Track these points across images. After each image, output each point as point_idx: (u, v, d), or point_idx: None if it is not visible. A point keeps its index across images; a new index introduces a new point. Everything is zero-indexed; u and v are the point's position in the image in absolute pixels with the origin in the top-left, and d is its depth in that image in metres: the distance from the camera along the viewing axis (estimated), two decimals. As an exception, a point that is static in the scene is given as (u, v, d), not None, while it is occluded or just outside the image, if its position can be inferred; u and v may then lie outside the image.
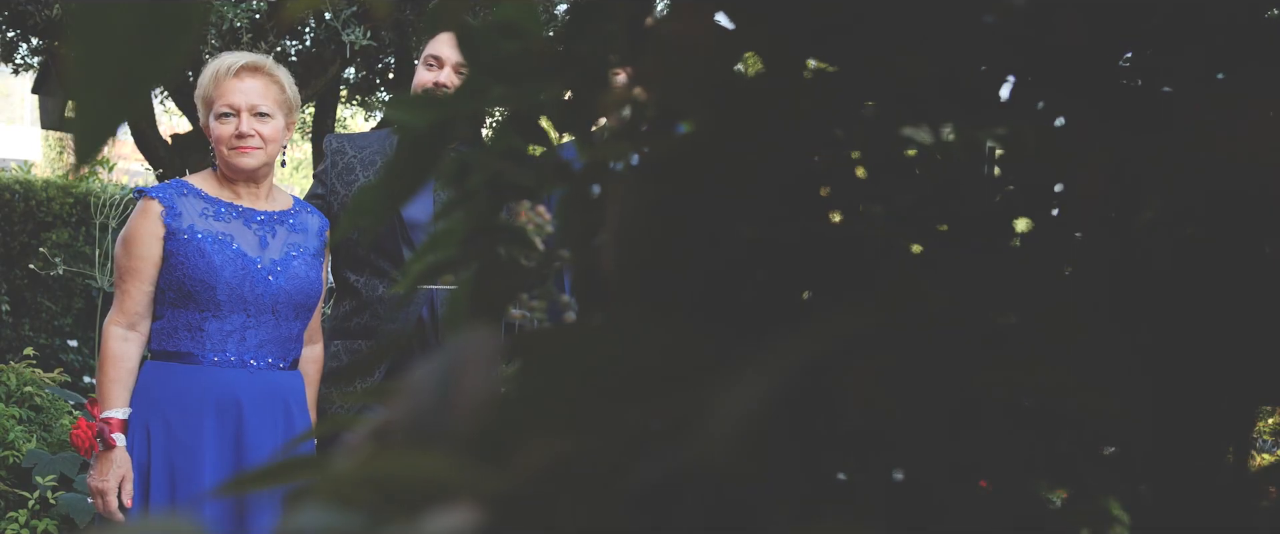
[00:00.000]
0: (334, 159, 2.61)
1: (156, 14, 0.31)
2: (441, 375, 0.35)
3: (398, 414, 0.35)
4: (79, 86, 0.31)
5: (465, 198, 0.72)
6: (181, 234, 2.28)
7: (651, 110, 0.46)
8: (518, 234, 0.75)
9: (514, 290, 0.72)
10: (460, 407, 0.34)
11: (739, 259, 0.42)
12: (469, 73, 0.60)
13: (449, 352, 0.36)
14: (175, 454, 2.26)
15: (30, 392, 3.65)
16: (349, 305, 2.57)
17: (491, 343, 0.36)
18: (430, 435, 0.34)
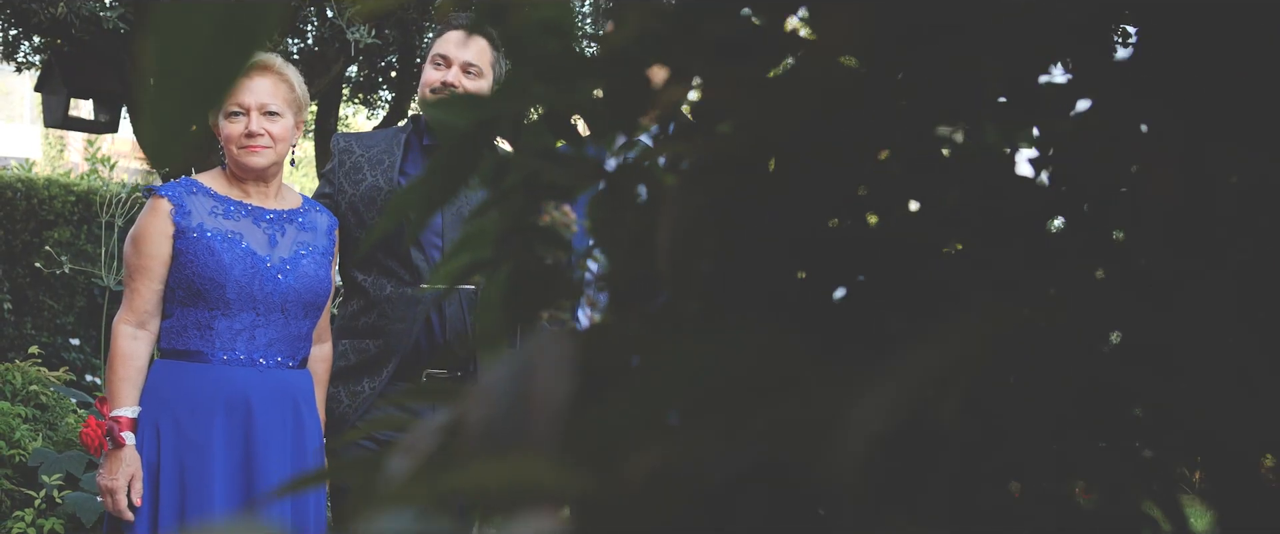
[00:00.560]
0: (341, 158, 2.61)
1: (234, 15, 0.31)
2: (514, 378, 0.35)
3: (472, 417, 0.35)
4: (156, 88, 0.31)
5: (501, 197, 0.71)
6: (191, 232, 2.28)
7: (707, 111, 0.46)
8: (551, 234, 0.75)
9: (550, 292, 0.72)
10: (538, 410, 0.34)
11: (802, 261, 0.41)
12: (512, 72, 0.60)
13: (520, 354, 0.36)
14: (185, 453, 2.26)
15: (36, 390, 3.64)
16: (356, 305, 2.57)
17: (564, 345, 0.35)
18: (507, 439, 0.33)
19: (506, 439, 0.33)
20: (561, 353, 0.35)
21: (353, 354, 2.55)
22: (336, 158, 2.61)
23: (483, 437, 0.33)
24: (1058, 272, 0.43)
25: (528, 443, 0.33)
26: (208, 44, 0.30)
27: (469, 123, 0.61)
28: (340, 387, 2.55)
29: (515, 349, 0.36)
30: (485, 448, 0.33)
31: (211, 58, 0.31)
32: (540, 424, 0.33)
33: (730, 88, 0.45)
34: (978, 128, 0.53)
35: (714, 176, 0.47)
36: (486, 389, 0.35)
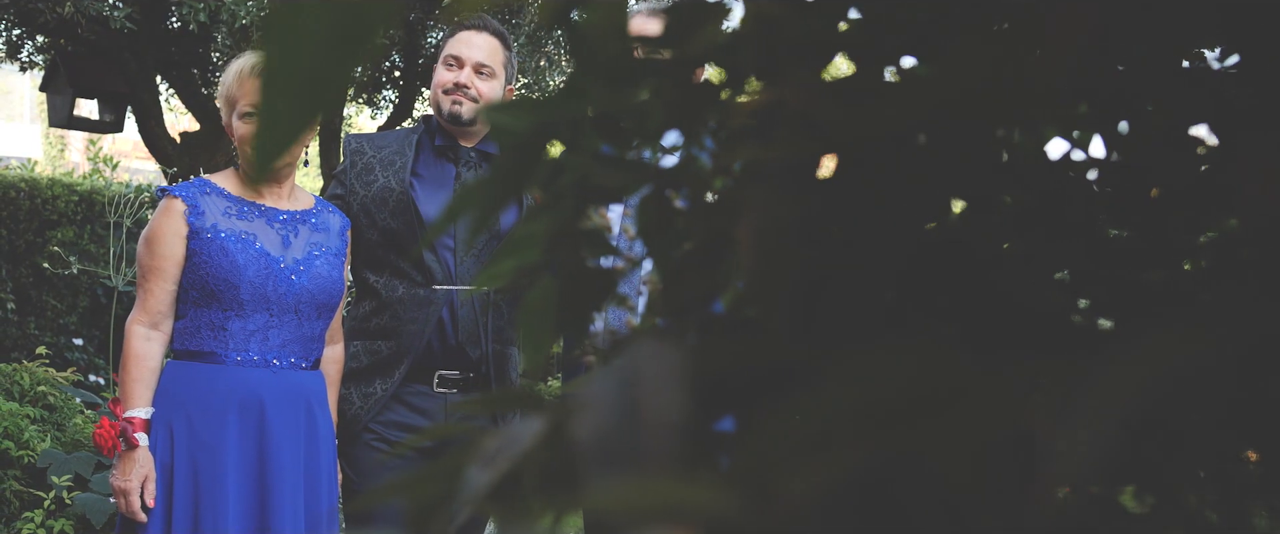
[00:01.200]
0: (353, 159, 2.60)
1: (345, 15, 0.30)
2: (622, 391, 0.34)
3: (581, 432, 0.34)
4: (265, 90, 0.30)
5: (552, 200, 0.71)
6: (205, 233, 2.27)
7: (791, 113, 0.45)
8: (598, 238, 0.74)
9: (601, 298, 0.71)
10: (652, 425, 0.33)
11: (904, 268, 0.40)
12: (573, 73, 0.59)
13: (625, 365, 0.35)
14: (198, 454, 2.25)
15: (44, 391, 3.64)
16: (368, 306, 2.56)
17: (673, 356, 0.35)
18: (620, 456, 0.33)
19: (619, 455, 0.32)
20: (671, 365, 0.34)
21: (365, 355, 2.54)
22: (348, 158, 2.61)
23: (596, 452, 0.32)
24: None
25: (643, 459, 0.32)
26: (319, 45, 0.30)
27: (528, 126, 0.60)
28: (352, 388, 2.54)
29: (618, 360, 0.35)
30: (600, 464, 0.32)
31: (323, 58, 0.30)
32: (656, 440, 0.32)
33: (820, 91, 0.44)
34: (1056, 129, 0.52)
35: (801, 179, 0.46)
36: (592, 402, 0.34)
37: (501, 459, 0.43)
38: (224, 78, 2.37)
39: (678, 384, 0.34)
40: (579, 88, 0.61)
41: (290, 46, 0.30)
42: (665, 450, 0.32)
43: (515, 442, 0.44)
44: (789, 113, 0.45)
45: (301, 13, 0.29)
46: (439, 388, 2.53)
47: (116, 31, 4.39)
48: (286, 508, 2.29)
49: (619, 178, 0.70)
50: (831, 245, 0.46)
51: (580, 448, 0.33)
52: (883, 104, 0.47)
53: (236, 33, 4.27)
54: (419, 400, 2.52)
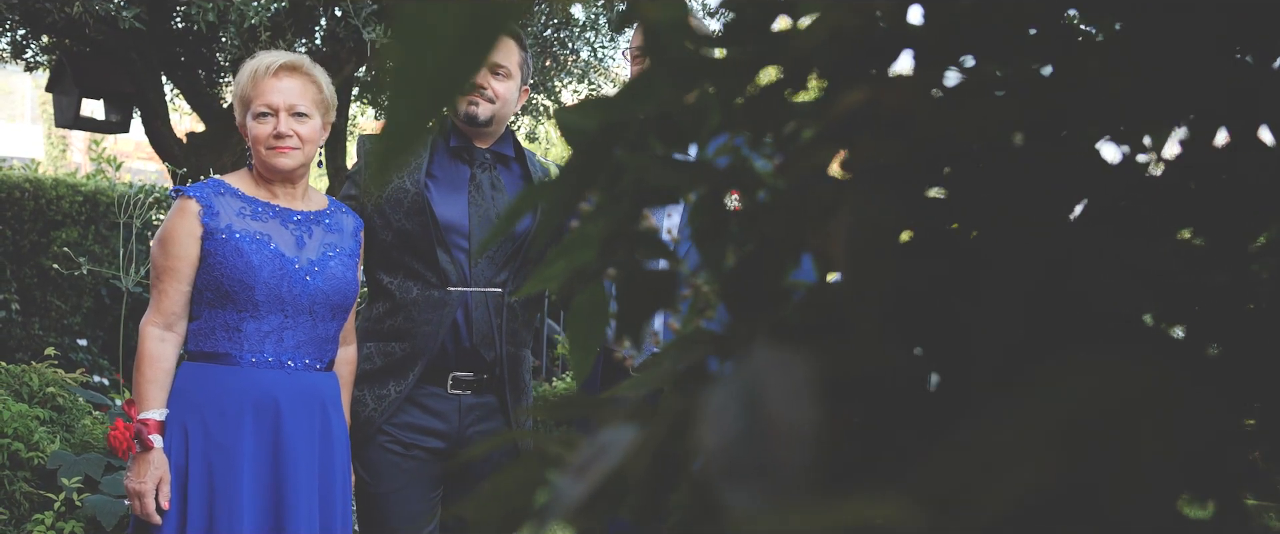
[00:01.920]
0: (367, 159, 2.59)
1: (477, 11, 0.29)
2: (747, 402, 0.33)
3: (706, 445, 0.32)
4: (394, 86, 0.29)
5: (610, 202, 0.69)
6: (219, 234, 2.26)
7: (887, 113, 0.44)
8: (654, 241, 0.73)
9: (661, 301, 0.70)
10: (784, 439, 0.32)
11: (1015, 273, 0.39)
12: (645, 73, 0.58)
13: (747, 376, 0.34)
14: (213, 456, 2.24)
15: (52, 392, 3.62)
16: (382, 307, 2.55)
17: (801, 365, 0.33)
18: (751, 470, 0.31)
19: (752, 470, 0.31)
20: (800, 374, 0.33)
21: (378, 357, 2.53)
22: (362, 159, 2.60)
23: (726, 467, 0.31)
24: None
25: (778, 475, 0.31)
26: (450, 40, 0.29)
27: (597, 125, 0.59)
28: (365, 389, 2.53)
29: (737, 368, 0.34)
30: (731, 479, 0.31)
31: (454, 53, 0.29)
32: (791, 453, 0.31)
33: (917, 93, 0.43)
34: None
35: (896, 181, 0.45)
36: (715, 415, 0.33)
37: (595, 471, 0.42)
38: (238, 77, 2.36)
39: (807, 394, 0.32)
40: (644, 87, 0.60)
41: (418, 46, 0.28)
42: (802, 464, 0.30)
43: (608, 452, 0.43)
44: (883, 115, 0.43)
45: (431, 11, 0.28)
46: (453, 389, 2.52)
47: (124, 31, 4.37)
48: (301, 510, 2.28)
49: (676, 179, 0.69)
50: (928, 249, 0.45)
51: (709, 463, 0.32)
52: (981, 107, 0.46)
53: (245, 33, 4.25)
54: (433, 402, 2.51)
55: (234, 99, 2.39)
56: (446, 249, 2.48)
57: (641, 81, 0.60)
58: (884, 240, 0.43)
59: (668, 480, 0.44)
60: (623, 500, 0.46)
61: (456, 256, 2.49)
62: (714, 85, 0.63)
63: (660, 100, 0.60)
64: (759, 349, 0.35)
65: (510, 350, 2.55)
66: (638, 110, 0.59)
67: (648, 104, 0.59)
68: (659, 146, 0.69)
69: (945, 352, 0.42)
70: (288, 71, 2.33)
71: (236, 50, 4.34)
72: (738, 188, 0.69)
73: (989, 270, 0.37)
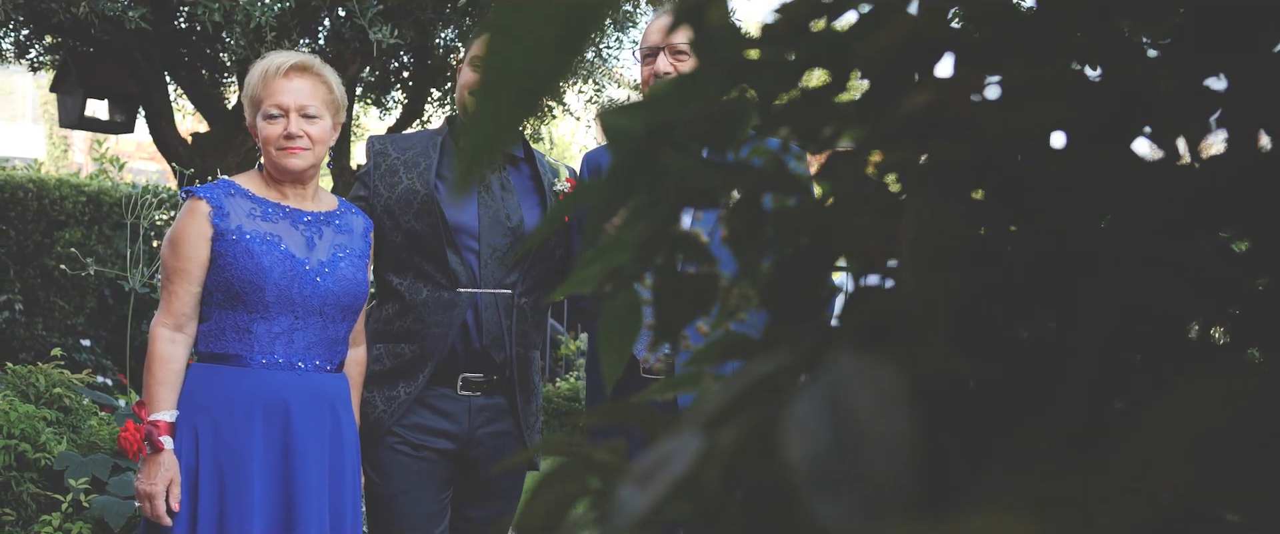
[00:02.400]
0: (377, 161, 2.58)
1: (568, 10, 0.28)
2: (834, 412, 0.32)
3: (793, 457, 0.32)
4: (485, 89, 0.28)
5: (650, 204, 0.69)
6: (230, 235, 2.25)
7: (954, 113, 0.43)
8: (694, 244, 0.72)
9: (702, 306, 0.70)
10: (877, 449, 0.31)
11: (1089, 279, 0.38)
12: (699, 73, 0.57)
13: (833, 385, 0.33)
14: (224, 457, 2.23)
15: (59, 393, 3.61)
16: (392, 308, 2.54)
17: (892, 374, 0.33)
18: (844, 484, 0.31)
19: (843, 483, 0.30)
20: (890, 382, 0.32)
21: (388, 358, 2.52)
22: (372, 160, 2.59)
23: (815, 481, 0.30)
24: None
25: (875, 487, 0.30)
26: (544, 38, 0.28)
27: (642, 127, 0.58)
28: (375, 391, 2.52)
29: (820, 376, 0.33)
30: (822, 493, 0.30)
31: (543, 53, 0.28)
32: (885, 465, 0.30)
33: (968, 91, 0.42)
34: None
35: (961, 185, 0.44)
36: (801, 424, 0.32)
37: (660, 480, 0.41)
38: (248, 78, 2.35)
39: (900, 403, 0.32)
40: (692, 89, 0.59)
41: (511, 46, 0.28)
42: (901, 477, 0.30)
43: (673, 462, 0.42)
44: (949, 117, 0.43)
45: (525, 11, 0.27)
46: (463, 391, 2.51)
47: (129, 31, 4.36)
48: (312, 511, 2.27)
49: (717, 181, 0.69)
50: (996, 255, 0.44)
51: (797, 475, 0.31)
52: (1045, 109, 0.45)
53: (250, 33, 4.25)
54: (443, 403, 2.50)
55: (244, 99, 2.38)
56: (456, 250, 2.48)
57: (689, 83, 0.59)
58: (952, 245, 0.42)
59: (732, 489, 0.43)
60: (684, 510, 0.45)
61: (466, 258, 2.48)
62: (757, 87, 0.63)
63: (708, 103, 0.59)
64: (843, 356, 0.34)
65: (520, 352, 2.54)
66: (686, 112, 0.58)
67: (696, 106, 0.58)
68: (696, 148, 0.68)
69: (1016, 358, 0.42)
70: (298, 72, 2.32)
71: (242, 50, 4.33)
72: (777, 190, 0.68)
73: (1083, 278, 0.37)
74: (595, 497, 0.60)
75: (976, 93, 0.44)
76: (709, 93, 0.57)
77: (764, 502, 0.39)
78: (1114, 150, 0.51)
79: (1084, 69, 0.56)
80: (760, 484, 0.39)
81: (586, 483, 0.62)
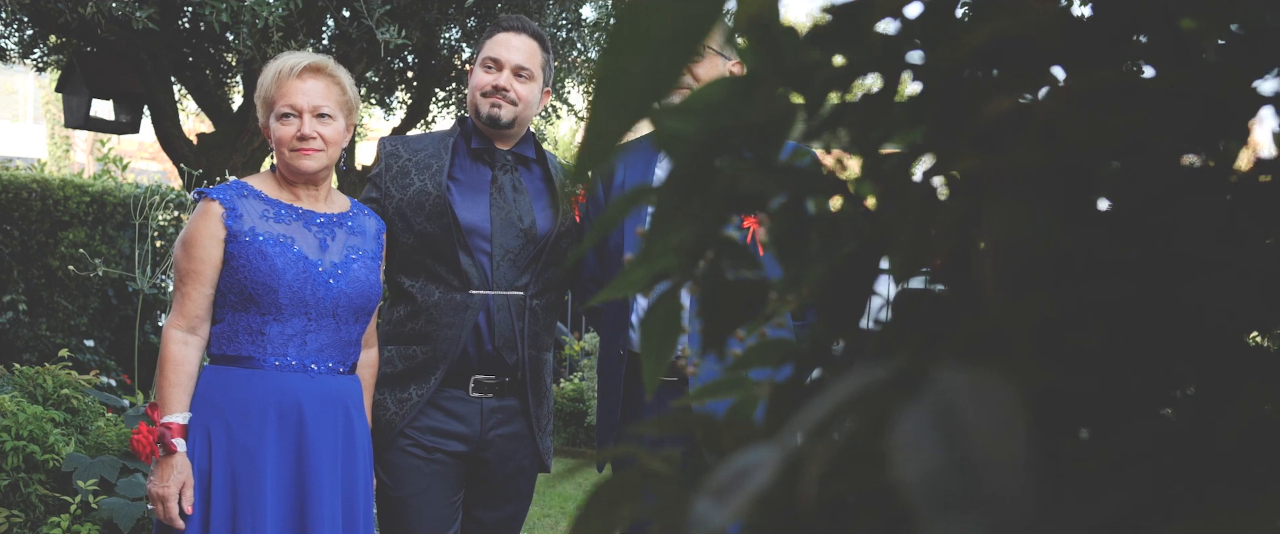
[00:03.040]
0: (388, 162, 2.57)
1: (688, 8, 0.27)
2: (946, 429, 0.31)
3: (907, 474, 0.31)
4: (602, 88, 0.27)
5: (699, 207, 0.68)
6: (243, 236, 2.25)
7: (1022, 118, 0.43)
8: (740, 249, 0.71)
9: (748, 309, 0.69)
10: (1000, 467, 0.30)
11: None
12: (756, 77, 0.56)
13: (941, 399, 0.32)
14: (237, 459, 2.22)
15: (67, 394, 3.61)
16: (403, 310, 2.53)
17: (1002, 391, 0.32)
18: (963, 502, 0.30)
19: (962, 501, 0.29)
20: (1003, 398, 0.31)
21: (399, 360, 2.51)
22: (383, 161, 2.58)
23: (933, 499, 0.29)
24: None
25: (999, 505, 0.29)
26: (658, 42, 0.27)
27: (695, 129, 0.57)
28: (387, 393, 2.51)
29: (927, 390, 0.32)
30: (940, 512, 0.29)
31: (660, 56, 0.27)
32: (1007, 484, 0.29)
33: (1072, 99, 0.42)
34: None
35: (1048, 189, 0.43)
36: (910, 440, 0.31)
37: (739, 494, 0.40)
38: (262, 78, 2.35)
39: (1017, 419, 0.31)
40: (749, 92, 0.58)
41: (629, 45, 0.27)
42: (1025, 500, 0.29)
43: (751, 475, 0.41)
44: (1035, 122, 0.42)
45: (645, 9, 0.27)
46: (475, 393, 2.50)
47: (135, 31, 4.36)
48: (324, 514, 2.26)
49: (767, 185, 0.68)
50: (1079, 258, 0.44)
51: (913, 495, 0.30)
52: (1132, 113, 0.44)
53: (257, 33, 4.24)
54: (455, 405, 2.50)
55: (257, 100, 2.37)
56: (468, 252, 2.47)
57: (744, 87, 0.58)
58: (1038, 253, 0.41)
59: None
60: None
61: (478, 259, 2.47)
62: (804, 91, 0.62)
63: (764, 107, 0.58)
64: (949, 370, 0.33)
65: (532, 353, 2.54)
66: (744, 117, 0.57)
67: (754, 109, 0.57)
68: (741, 152, 0.67)
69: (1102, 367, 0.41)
70: (312, 73, 2.32)
71: (248, 51, 4.33)
72: (827, 194, 0.68)
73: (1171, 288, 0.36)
74: (653, 508, 0.59)
75: (1066, 97, 0.43)
76: (764, 97, 0.56)
77: (855, 516, 0.38)
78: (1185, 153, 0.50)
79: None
80: (852, 498, 0.38)
81: (638, 491, 0.62)
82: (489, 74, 2.52)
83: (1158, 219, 0.46)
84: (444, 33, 5.75)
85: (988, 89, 0.54)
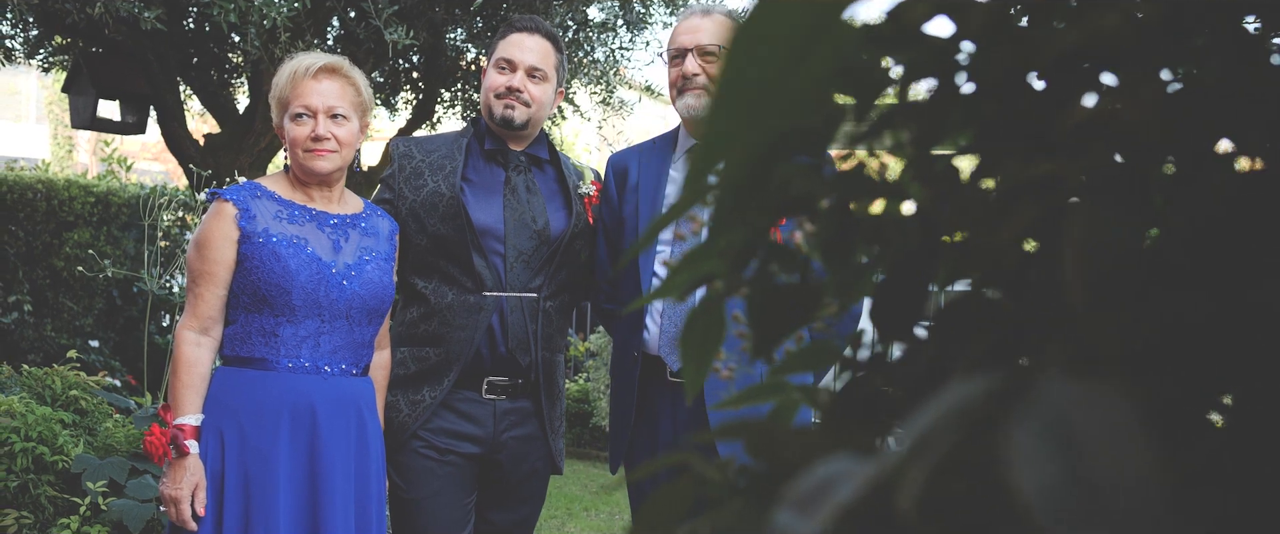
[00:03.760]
0: (401, 163, 2.56)
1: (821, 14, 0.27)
2: (1061, 443, 0.31)
3: (1024, 488, 0.30)
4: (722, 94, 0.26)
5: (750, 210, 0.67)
6: (256, 237, 2.24)
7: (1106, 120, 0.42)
8: (789, 253, 0.70)
9: (800, 313, 0.68)
10: (1125, 483, 0.29)
11: None
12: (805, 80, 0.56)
13: (1055, 413, 0.32)
14: (250, 461, 2.21)
15: (75, 395, 3.60)
16: (416, 312, 2.52)
17: (1117, 403, 0.31)
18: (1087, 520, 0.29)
19: (1084, 518, 0.29)
20: (1121, 411, 0.30)
21: (412, 362, 2.51)
22: (396, 163, 2.57)
23: (1054, 514, 0.29)
24: None
25: (1114, 518, 0.28)
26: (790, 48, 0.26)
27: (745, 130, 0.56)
28: (399, 395, 2.50)
29: (1036, 402, 0.32)
30: (1060, 523, 0.29)
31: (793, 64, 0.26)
32: (1135, 500, 0.28)
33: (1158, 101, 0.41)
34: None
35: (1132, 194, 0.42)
36: (1027, 454, 0.30)
37: (824, 505, 0.40)
38: (276, 79, 2.34)
39: (1134, 431, 0.30)
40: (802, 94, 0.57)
41: (756, 51, 0.26)
42: (1148, 509, 0.28)
43: (836, 486, 0.40)
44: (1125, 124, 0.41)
45: (780, 12, 0.26)
46: (488, 394, 2.49)
47: (141, 32, 4.35)
48: (337, 516, 2.25)
49: (817, 189, 0.67)
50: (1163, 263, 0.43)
51: (1033, 511, 0.29)
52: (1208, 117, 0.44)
53: (264, 33, 4.23)
54: (468, 407, 2.49)
55: (271, 100, 2.36)
56: (482, 253, 2.46)
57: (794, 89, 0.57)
58: (1127, 260, 0.41)
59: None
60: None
61: (492, 261, 2.47)
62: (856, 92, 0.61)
63: (821, 109, 0.58)
64: (1058, 380, 0.32)
65: (546, 355, 2.53)
66: (798, 118, 0.56)
67: (816, 112, 0.56)
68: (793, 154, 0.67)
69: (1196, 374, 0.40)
70: (327, 73, 2.31)
71: (256, 51, 4.32)
72: (882, 198, 0.67)
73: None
74: (707, 516, 0.58)
75: (1147, 100, 0.43)
76: (826, 100, 0.55)
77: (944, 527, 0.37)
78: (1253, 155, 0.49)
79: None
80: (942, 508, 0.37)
81: (693, 497, 0.61)
82: (502, 75, 2.52)
83: (1229, 224, 0.45)
84: (449, 33, 5.74)
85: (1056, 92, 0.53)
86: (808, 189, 0.66)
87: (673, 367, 2.39)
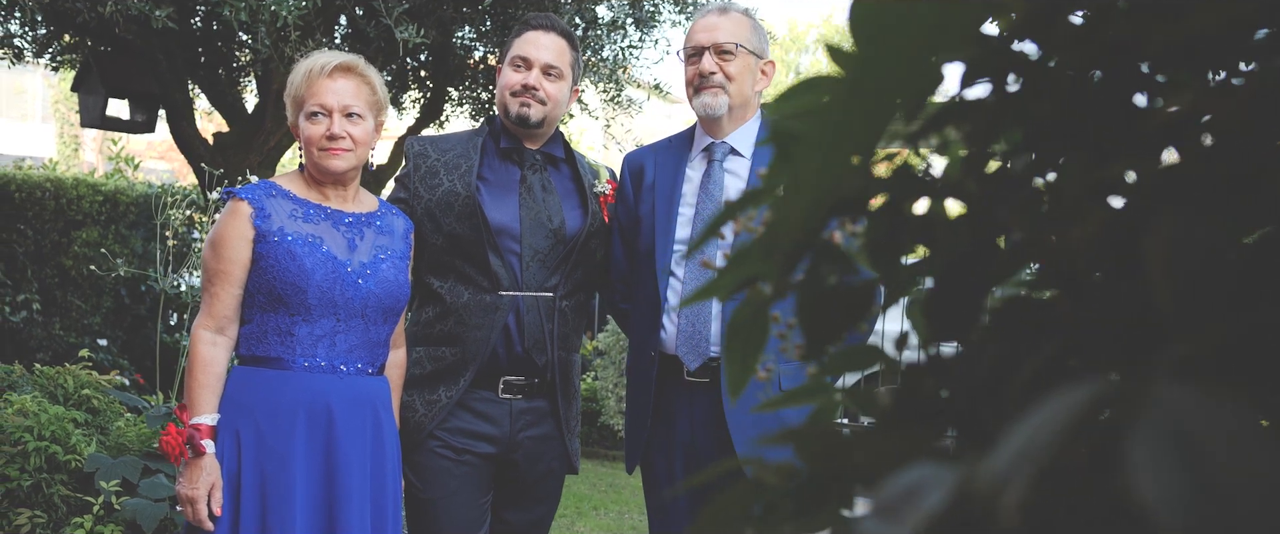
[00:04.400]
0: (417, 162, 2.55)
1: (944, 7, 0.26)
2: (1185, 453, 0.30)
3: (1149, 498, 0.29)
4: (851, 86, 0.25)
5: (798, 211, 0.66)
6: (272, 236, 2.23)
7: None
8: (839, 253, 0.69)
9: (851, 318, 0.67)
10: (1252, 492, 0.28)
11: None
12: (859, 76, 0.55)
13: (1174, 421, 0.31)
14: (266, 461, 2.21)
15: (87, 395, 3.60)
16: (432, 311, 2.51)
17: (1240, 411, 0.30)
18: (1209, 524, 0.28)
19: (1207, 521, 0.28)
20: (1245, 421, 0.30)
21: (428, 362, 2.50)
22: (412, 162, 2.56)
23: (1178, 518, 0.28)
24: None
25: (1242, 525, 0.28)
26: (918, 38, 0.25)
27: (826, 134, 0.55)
28: (415, 394, 2.50)
29: (1154, 410, 0.31)
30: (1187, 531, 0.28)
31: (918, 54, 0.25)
32: (1266, 507, 0.28)
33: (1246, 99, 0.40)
34: None
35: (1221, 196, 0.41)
36: (1150, 462, 0.29)
37: (913, 512, 0.39)
38: (291, 77, 2.33)
39: (1260, 440, 0.29)
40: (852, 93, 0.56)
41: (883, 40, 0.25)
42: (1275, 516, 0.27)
43: (923, 494, 0.39)
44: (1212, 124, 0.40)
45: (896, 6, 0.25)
46: (504, 394, 2.48)
47: (152, 31, 4.35)
48: (354, 515, 2.25)
49: (870, 187, 0.66)
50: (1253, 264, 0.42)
51: (1160, 518, 0.28)
52: None
53: (275, 32, 4.23)
54: (485, 406, 2.48)
55: (286, 98, 2.35)
56: (498, 252, 2.45)
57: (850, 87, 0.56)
58: (1217, 261, 0.40)
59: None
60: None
61: (508, 260, 2.46)
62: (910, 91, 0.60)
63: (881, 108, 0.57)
64: (1172, 387, 0.31)
65: (562, 355, 2.52)
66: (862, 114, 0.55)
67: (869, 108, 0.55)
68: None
69: None
70: (342, 72, 2.30)
71: (265, 49, 4.31)
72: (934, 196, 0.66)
73: None
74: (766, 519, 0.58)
75: (1239, 100, 0.42)
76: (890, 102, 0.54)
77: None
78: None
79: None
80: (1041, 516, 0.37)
81: (752, 503, 0.60)
82: (518, 73, 2.51)
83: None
84: (458, 32, 5.73)
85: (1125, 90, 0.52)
86: (862, 189, 0.66)
87: (690, 366, 2.38)
